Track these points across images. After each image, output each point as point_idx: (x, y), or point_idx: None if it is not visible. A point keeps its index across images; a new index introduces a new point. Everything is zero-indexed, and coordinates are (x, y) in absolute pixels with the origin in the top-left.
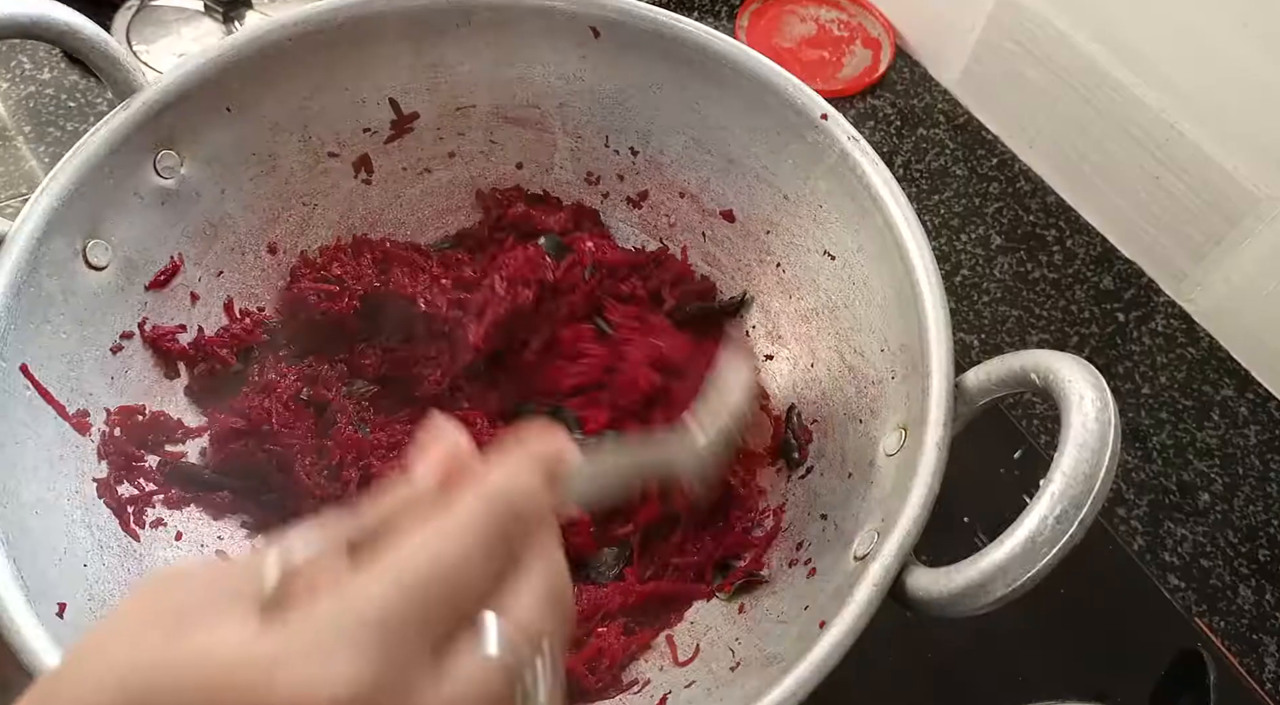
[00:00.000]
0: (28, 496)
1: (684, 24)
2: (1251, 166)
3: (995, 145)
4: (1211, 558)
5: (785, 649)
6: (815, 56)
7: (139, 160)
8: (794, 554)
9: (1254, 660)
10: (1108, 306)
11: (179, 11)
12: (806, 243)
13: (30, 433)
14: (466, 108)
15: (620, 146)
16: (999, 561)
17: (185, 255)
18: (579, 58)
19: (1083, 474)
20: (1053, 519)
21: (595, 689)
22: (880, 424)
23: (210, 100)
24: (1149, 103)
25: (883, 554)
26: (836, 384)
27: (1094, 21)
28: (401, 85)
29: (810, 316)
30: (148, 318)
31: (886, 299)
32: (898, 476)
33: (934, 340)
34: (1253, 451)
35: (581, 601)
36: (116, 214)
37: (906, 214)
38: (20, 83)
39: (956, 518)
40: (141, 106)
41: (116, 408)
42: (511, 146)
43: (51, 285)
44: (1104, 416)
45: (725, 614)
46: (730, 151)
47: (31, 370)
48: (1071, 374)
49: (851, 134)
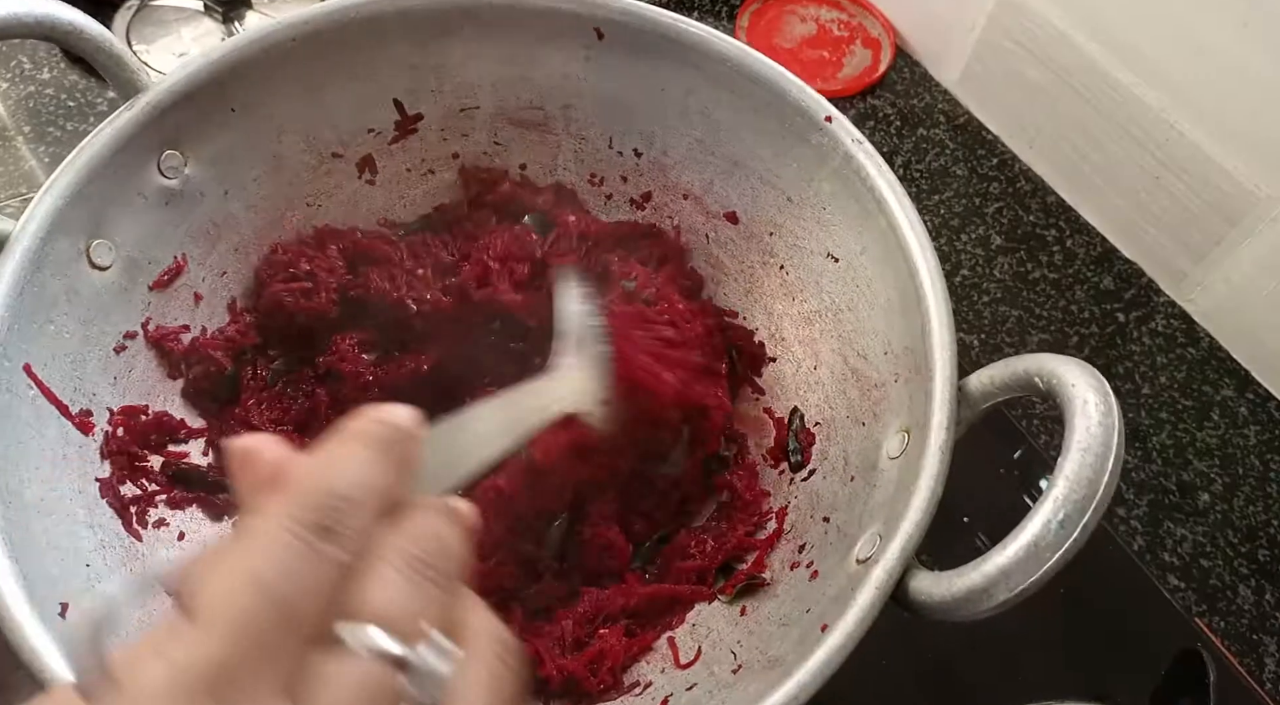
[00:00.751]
0: (30, 496)
1: (689, 26)
2: (1251, 166)
3: (995, 145)
4: (1211, 558)
5: (787, 652)
6: (815, 56)
7: (143, 160)
8: (796, 557)
9: (1254, 660)
10: (1108, 306)
11: (179, 11)
12: (810, 245)
13: (34, 433)
14: (470, 109)
15: (624, 148)
16: (1002, 566)
17: (189, 255)
18: (583, 59)
19: (1086, 479)
20: (1056, 524)
21: (597, 691)
22: (883, 427)
23: (215, 101)
24: (1149, 103)
25: (885, 557)
26: (839, 387)
27: (1094, 21)
28: (405, 86)
29: (813, 319)
30: (151, 318)
31: (890, 302)
32: (900, 480)
33: (937, 343)
34: (1253, 451)
35: (583, 603)
36: (120, 214)
37: (910, 217)
38: (20, 83)
39: (957, 518)
40: (146, 107)
41: (119, 408)
42: (515, 147)
43: (55, 285)
44: (1108, 421)
45: (727, 616)
46: (734, 153)
47: (35, 370)
48: (1075, 378)
49: (856, 137)
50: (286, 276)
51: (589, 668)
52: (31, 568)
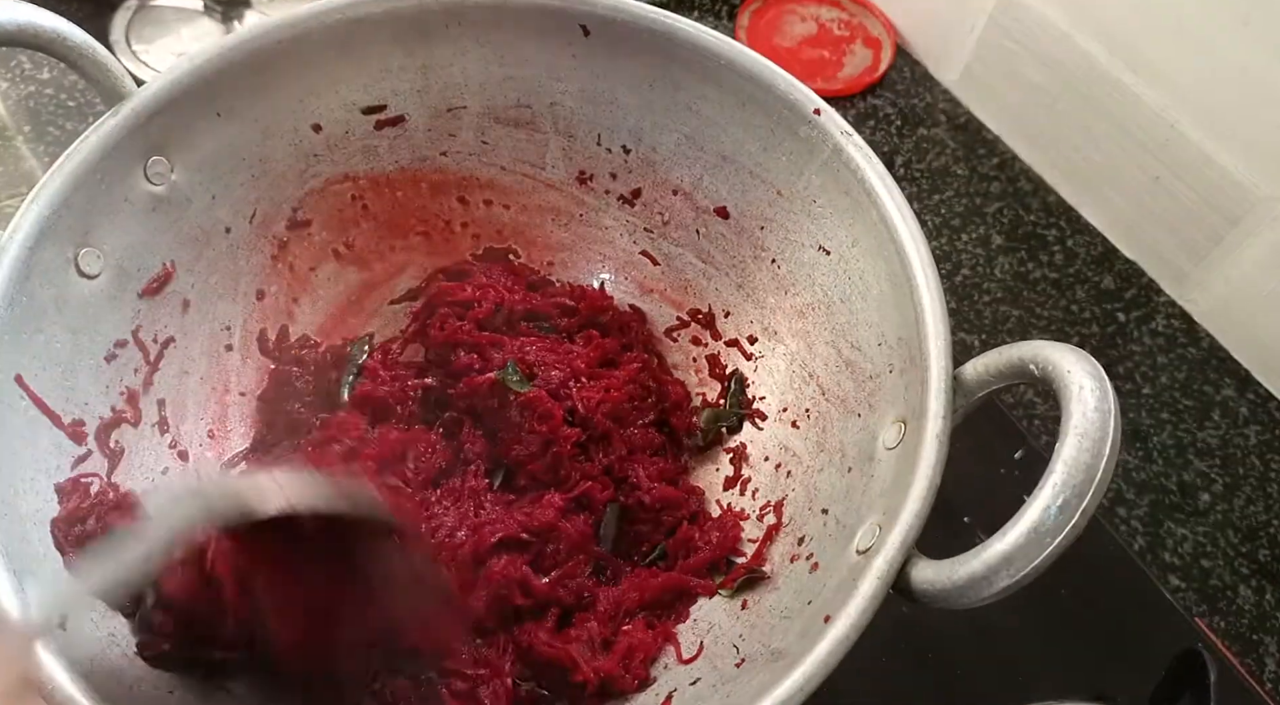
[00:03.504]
0: (25, 508)
1: (674, 20)
2: (1251, 166)
3: (995, 145)
4: (1211, 558)
5: (790, 644)
6: (815, 56)
7: (129, 166)
8: (796, 549)
9: (1254, 660)
10: (1108, 306)
11: (179, 11)
12: (801, 238)
13: (26, 443)
14: (457, 109)
15: (612, 145)
16: (1003, 552)
17: (177, 262)
18: (569, 56)
19: (1084, 463)
20: (1055, 508)
21: (633, 687)
22: (879, 418)
23: (200, 105)
24: (1149, 103)
25: (886, 547)
26: (834, 379)
27: (1094, 21)
28: (392, 87)
29: (806, 312)
30: (141, 325)
31: (883, 292)
32: (898, 470)
33: (931, 333)
34: (1253, 451)
35: (602, 603)
36: (108, 221)
37: (901, 207)
38: (20, 83)
39: (957, 517)
40: (131, 112)
41: (111, 416)
42: (503, 146)
43: (44, 294)
44: (1104, 406)
45: (728, 611)
46: (723, 148)
47: (26, 380)
48: (1070, 364)
49: (844, 129)
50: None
51: (622, 665)
52: (28, 579)
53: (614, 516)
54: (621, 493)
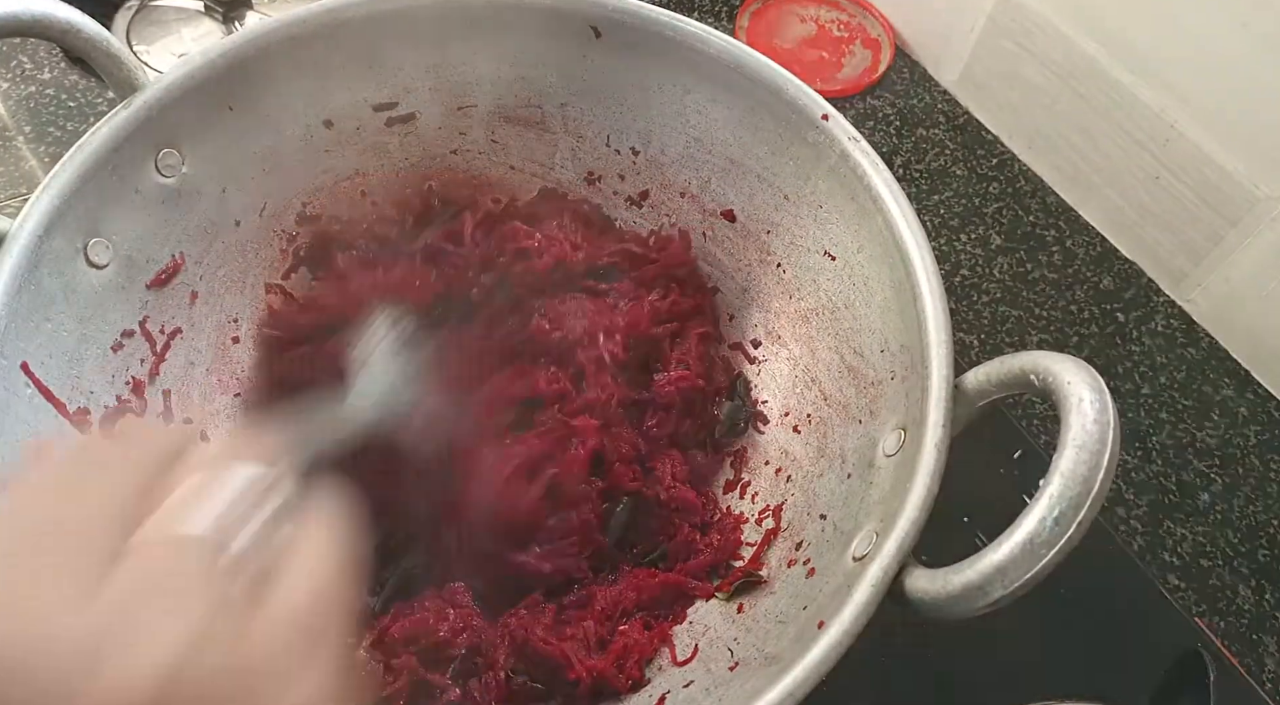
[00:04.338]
0: None
1: (686, 24)
2: (1251, 166)
3: (995, 145)
4: (1211, 558)
5: (784, 649)
6: (815, 57)
7: (140, 158)
8: (793, 554)
9: (1254, 660)
10: (1108, 306)
11: (179, 11)
12: (807, 243)
13: (30, 431)
14: (468, 107)
15: (621, 146)
16: (997, 563)
17: (186, 254)
18: (580, 57)
19: (1081, 476)
20: (1051, 520)
21: (626, 688)
22: (880, 425)
23: (212, 99)
24: (1149, 103)
25: (882, 555)
26: (836, 384)
27: (1094, 21)
28: (404, 85)
29: (810, 317)
30: (149, 316)
31: (887, 300)
32: (897, 477)
33: (934, 341)
34: (1253, 451)
35: (599, 601)
36: (118, 212)
37: (907, 215)
38: (20, 83)
39: (956, 518)
40: (143, 105)
41: (116, 405)
42: (513, 146)
43: (52, 283)
44: (1103, 418)
45: (724, 614)
46: (731, 151)
47: (32, 368)
48: (1071, 376)
49: (852, 135)
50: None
51: (617, 665)
52: None
53: (627, 513)
54: (646, 485)
